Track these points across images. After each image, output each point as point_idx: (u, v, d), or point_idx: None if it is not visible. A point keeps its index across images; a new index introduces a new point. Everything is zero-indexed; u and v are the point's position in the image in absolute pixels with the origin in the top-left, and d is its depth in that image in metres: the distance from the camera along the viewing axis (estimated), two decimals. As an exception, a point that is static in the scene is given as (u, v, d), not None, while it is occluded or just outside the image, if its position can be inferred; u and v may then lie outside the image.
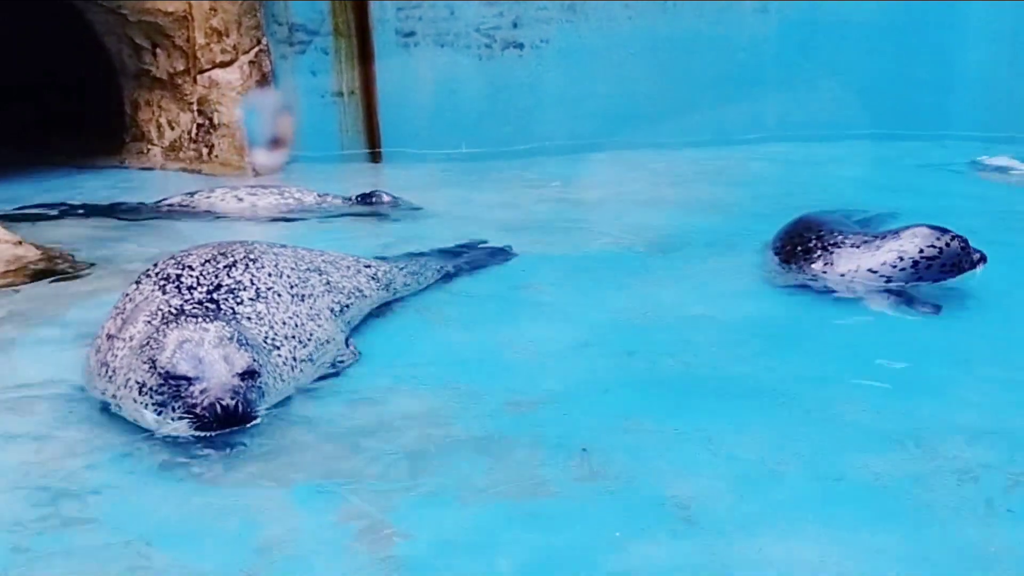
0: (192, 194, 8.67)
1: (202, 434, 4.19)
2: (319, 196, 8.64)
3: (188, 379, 4.23)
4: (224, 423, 4.15)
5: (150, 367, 4.33)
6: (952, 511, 3.84)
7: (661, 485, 4.03)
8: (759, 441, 4.39)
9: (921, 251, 6.03)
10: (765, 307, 6.18)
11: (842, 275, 6.17)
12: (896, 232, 6.21)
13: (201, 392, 4.18)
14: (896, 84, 11.46)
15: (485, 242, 7.39)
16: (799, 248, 6.44)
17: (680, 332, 5.72)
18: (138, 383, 4.36)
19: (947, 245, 6.03)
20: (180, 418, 4.19)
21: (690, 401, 4.84)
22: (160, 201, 8.65)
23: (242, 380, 4.25)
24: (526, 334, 5.71)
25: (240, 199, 8.52)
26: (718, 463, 4.22)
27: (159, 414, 4.27)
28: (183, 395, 4.21)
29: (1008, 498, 3.93)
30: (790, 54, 11.47)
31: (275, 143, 10.22)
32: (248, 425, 4.22)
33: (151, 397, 4.29)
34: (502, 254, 7.18)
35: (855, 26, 11.43)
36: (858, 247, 6.21)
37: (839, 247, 6.27)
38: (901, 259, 6.05)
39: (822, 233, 6.44)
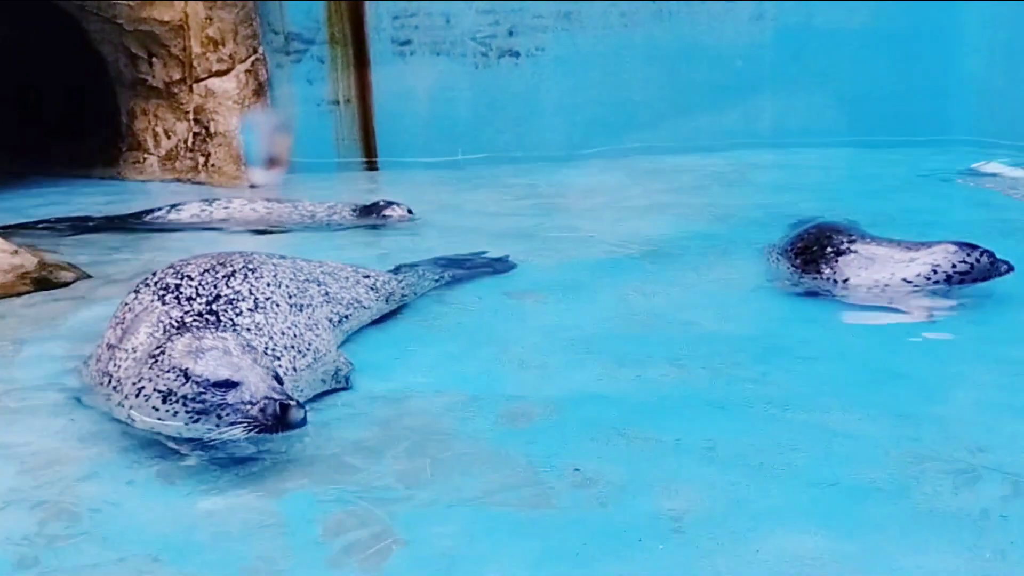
0: (210, 202, 8.71)
1: (259, 437, 4.14)
2: (329, 207, 8.68)
3: (233, 384, 4.17)
4: (285, 425, 4.08)
5: (179, 375, 4.25)
6: (949, 518, 3.85)
7: (658, 494, 4.03)
8: (755, 450, 4.39)
9: (954, 266, 6.23)
10: (763, 314, 6.20)
11: (876, 280, 6.25)
12: (928, 245, 6.33)
13: (252, 396, 4.12)
14: (891, 90, 11.49)
15: (482, 251, 7.40)
16: (829, 250, 6.45)
17: (678, 340, 5.73)
18: (161, 392, 4.28)
19: (977, 261, 6.24)
20: (233, 424, 4.11)
21: (688, 410, 4.85)
22: (177, 205, 8.66)
23: (279, 383, 4.23)
24: (523, 343, 5.71)
25: (256, 210, 8.59)
26: (714, 471, 4.22)
27: (196, 421, 4.21)
28: (232, 401, 4.14)
29: (1004, 504, 3.94)
30: (785, 60, 11.51)
31: (272, 162, 10.26)
32: (301, 428, 4.16)
33: (184, 405, 4.22)
34: (499, 262, 7.19)
35: (850, 33, 11.47)
36: (893, 255, 6.28)
37: (875, 252, 6.35)
38: (935, 272, 6.19)
39: (853, 237, 6.48)
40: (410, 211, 8.53)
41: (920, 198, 9.25)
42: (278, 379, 4.29)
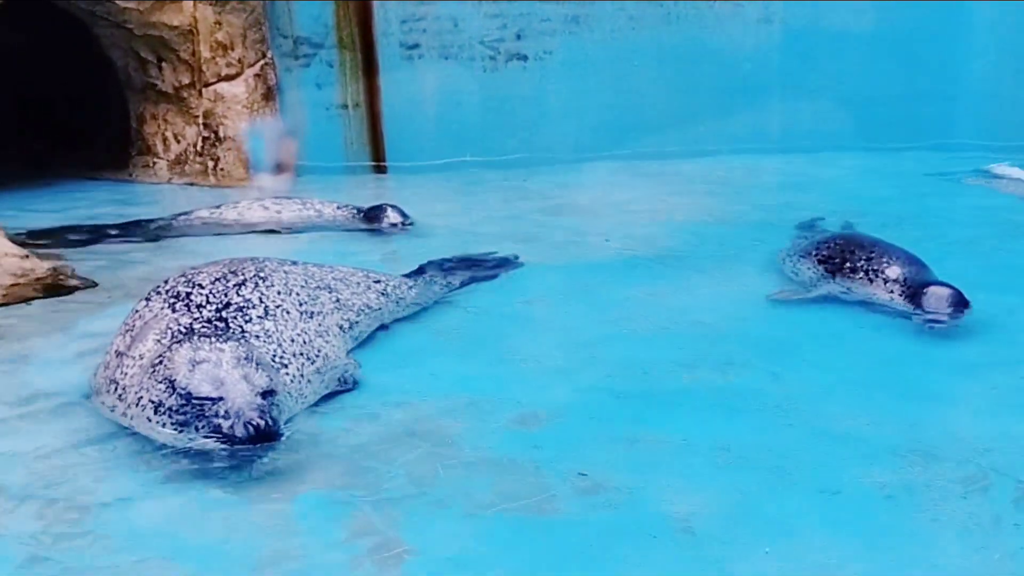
0: (218, 206, 8.72)
1: (236, 449, 4.18)
2: (338, 208, 8.70)
3: (212, 399, 4.23)
4: (256, 441, 4.14)
5: (167, 387, 4.34)
6: (958, 521, 3.86)
7: (666, 499, 4.05)
8: (764, 453, 4.41)
9: (883, 296, 6.16)
10: (772, 317, 6.20)
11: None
12: (881, 271, 6.21)
13: (227, 412, 4.18)
14: (901, 94, 11.48)
15: (491, 254, 7.41)
16: (847, 265, 6.35)
17: (686, 343, 5.74)
18: (153, 402, 4.37)
19: (894, 297, 6.07)
20: (207, 437, 4.19)
21: (697, 413, 4.86)
22: (189, 213, 8.67)
23: (263, 399, 4.27)
24: (532, 347, 5.73)
25: (266, 208, 8.62)
26: (723, 475, 4.24)
27: (180, 432, 4.28)
28: (208, 415, 4.21)
29: (1015, 507, 3.95)
30: (793, 64, 11.50)
31: (279, 168, 10.28)
32: (275, 443, 4.21)
33: (170, 416, 4.30)
34: (508, 266, 7.20)
35: (858, 36, 11.46)
36: (862, 277, 6.23)
37: (856, 272, 6.28)
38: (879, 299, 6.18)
39: (871, 253, 6.34)
40: (404, 218, 8.54)
41: (930, 201, 9.24)
42: (268, 393, 4.33)
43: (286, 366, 4.78)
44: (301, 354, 4.93)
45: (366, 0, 10.91)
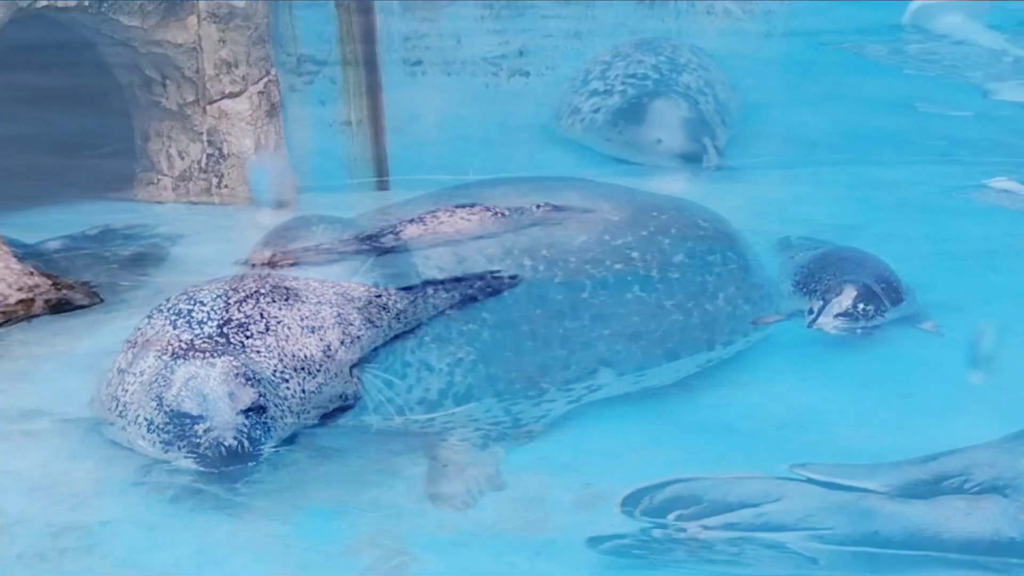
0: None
1: (208, 471, 4.19)
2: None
3: (192, 417, 4.26)
4: (228, 462, 4.15)
5: (157, 405, 4.38)
6: (961, 534, 3.86)
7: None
8: (766, 467, 4.42)
9: None
10: (770, 331, 6.19)
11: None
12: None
13: (204, 431, 4.20)
14: (899, 108, 11.49)
15: (491, 269, 7.40)
16: (814, 286, 6.30)
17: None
18: (147, 420, 4.41)
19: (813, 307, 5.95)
20: (186, 457, 4.22)
21: (696, 429, 4.87)
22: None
23: (247, 417, 4.27)
24: (531, 360, 5.71)
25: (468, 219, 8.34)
26: (723, 488, 4.24)
27: (165, 452, 4.31)
28: (187, 434, 4.24)
29: (1016, 521, 3.95)
30: (794, 77, 11.51)
31: (280, 204, 10.26)
32: (253, 463, 4.21)
33: (158, 435, 4.34)
34: (508, 280, 7.19)
35: (859, 51, 11.49)
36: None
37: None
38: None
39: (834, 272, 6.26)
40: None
41: (931, 216, 9.23)
42: (256, 409, 4.32)
43: (287, 381, 4.79)
44: (302, 368, 4.93)
45: (369, 17, 10.95)
